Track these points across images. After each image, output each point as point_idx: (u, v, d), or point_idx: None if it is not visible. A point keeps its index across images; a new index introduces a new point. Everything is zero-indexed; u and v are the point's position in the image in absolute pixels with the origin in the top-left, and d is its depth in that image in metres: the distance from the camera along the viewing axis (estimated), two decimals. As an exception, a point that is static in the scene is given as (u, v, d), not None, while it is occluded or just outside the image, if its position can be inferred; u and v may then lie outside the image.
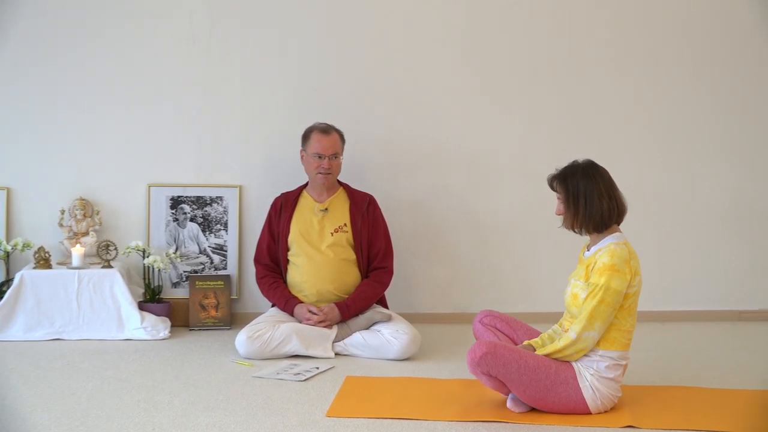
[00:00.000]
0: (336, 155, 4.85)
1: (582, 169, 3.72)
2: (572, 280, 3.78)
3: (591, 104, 5.56)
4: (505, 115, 5.54)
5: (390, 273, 4.96)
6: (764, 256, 5.67)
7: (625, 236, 3.74)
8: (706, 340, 5.13)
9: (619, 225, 3.76)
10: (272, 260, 4.93)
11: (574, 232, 3.78)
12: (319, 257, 4.81)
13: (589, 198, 3.66)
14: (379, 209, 5.02)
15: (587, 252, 3.78)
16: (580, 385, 3.64)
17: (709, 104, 5.61)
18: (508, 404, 3.73)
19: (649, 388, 4.04)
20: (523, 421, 3.62)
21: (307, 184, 5.01)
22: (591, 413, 3.68)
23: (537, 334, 3.96)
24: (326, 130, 4.85)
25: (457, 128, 5.52)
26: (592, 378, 3.65)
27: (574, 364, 3.68)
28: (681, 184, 5.62)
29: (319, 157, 4.81)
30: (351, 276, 4.86)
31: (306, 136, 4.88)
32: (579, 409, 3.67)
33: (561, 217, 3.79)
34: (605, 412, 3.70)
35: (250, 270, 5.18)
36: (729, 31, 5.56)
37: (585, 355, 3.68)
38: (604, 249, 3.67)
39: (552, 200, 5.36)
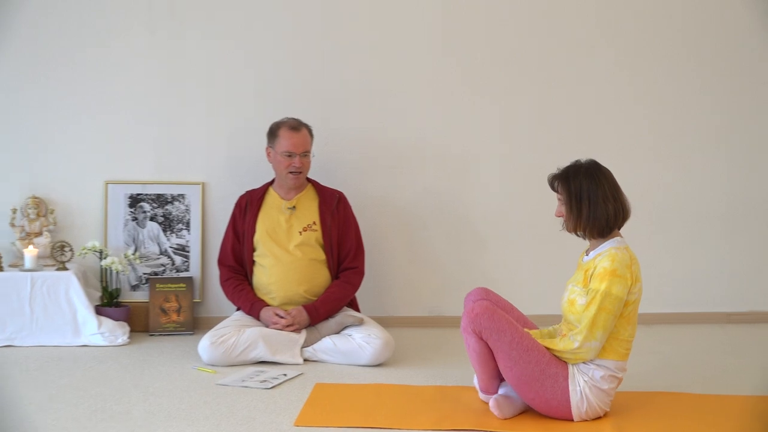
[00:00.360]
0: (306, 153, 4.84)
1: (585, 169, 3.70)
2: (569, 285, 3.77)
3: (574, 100, 5.59)
4: (483, 111, 5.55)
5: (361, 274, 4.95)
6: (753, 257, 5.72)
7: (626, 241, 3.72)
8: (694, 344, 5.15)
9: (620, 229, 3.74)
10: (237, 261, 4.91)
11: (577, 235, 3.77)
12: (286, 258, 4.80)
13: (593, 200, 3.65)
14: (350, 207, 5.02)
15: (586, 257, 3.77)
16: (570, 388, 3.63)
17: (697, 102, 5.65)
18: (491, 405, 3.72)
19: (634, 395, 4.04)
20: (501, 429, 3.61)
21: (273, 181, 4.99)
22: (572, 420, 3.67)
23: (534, 326, 3.95)
24: (296, 126, 4.83)
25: (433, 124, 5.53)
26: (584, 384, 3.64)
27: (570, 364, 3.67)
28: (668, 183, 5.66)
29: (289, 155, 4.80)
30: (320, 277, 4.85)
31: (273, 133, 4.86)
32: (560, 412, 3.66)
33: (562, 219, 3.77)
34: (587, 420, 3.69)
35: (214, 272, 5.17)
36: (725, 26, 5.61)
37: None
38: (605, 253, 3.66)
39: (534, 199, 5.48)
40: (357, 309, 5.01)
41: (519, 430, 3.61)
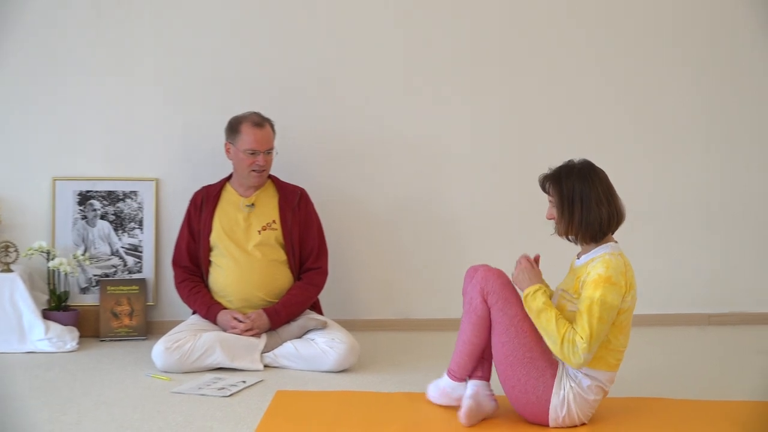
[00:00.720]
0: (270, 150, 4.82)
1: (578, 170, 3.68)
2: (560, 290, 3.75)
3: (548, 93, 5.60)
4: (455, 103, 5.56)
5: (324, 274, 4.93)
6: (734, 256, 5.77)
7: (620, 247, 3.71)
8: (674, 347, 5.18)
9: (613, 234, 3.73)
10: (192, 262, 4.88)
11: (568, 240, 3.76)
12: (245, 258, 4.77)
13: (586, 203, 3.63)
14: (312, 204, 5.00)
15: (578, 261, 3.76)
16: (553, 388, 3.61)
17: (675, 97, 5.68)
18: (462, 412, 3.70)
19: (611, 401, 4.02)
20: (475, 439, 3.62)
21: (230, 177, 4.96)
22: (548, 425, 3.66)
23: None
24: (260, 123, 4.79)
25: (401, 116, 5.53)
26: (569, 390, 3.63)
27: (561, 365, 3.65)
28: (645, 180, 5.68)
29: (253, 153, 4.76)
30: (281, 278, 4.83)
31: (234, 129, 4.81)
32: (535, 409, 3.64)
33: (553, 222, 3.76)
34: (563, 428, 3.69)
35: (168, 273, 5.13)
36: (706, 20, 5.66)
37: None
38: (599, 259, 3.63)
39: (509, 195, 5.50)
40: (320, 312, 4.99)
41: (493, 438, 3.61)
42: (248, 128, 4.77)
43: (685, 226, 5.72)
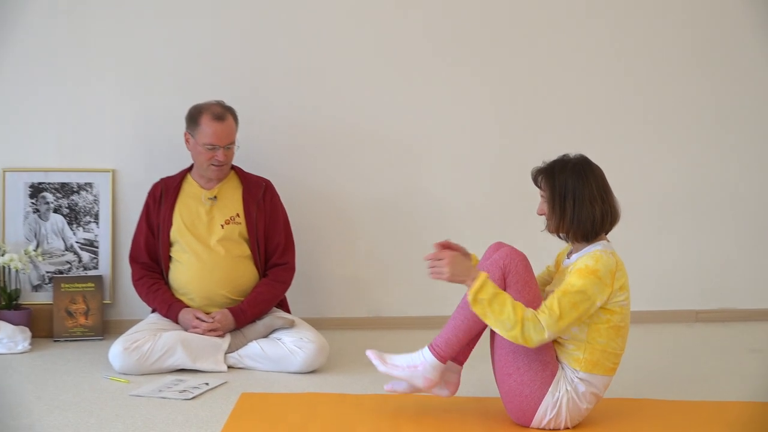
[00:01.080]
0: (231, 144, 4.79)
1: (573, 165, 3.68)
2: (549, 291, 3.72)
3: (528, 81, 5.61)
4: (428, 92, 5.56)
5: (292, 270, 4.93)
6: (724, 249, 5.80)
7: (613, 247, 3.71)
8: (661, 345, 5.22)
9: (607, 234, 3.73)
10: (151, 258, 4.86)
11: (559, 237, 3.77)
12: (207, 254, 4.75)
13: (578, 200, 3.63)
14: (278, 196, 4.98)
15: (567, 260, 3.76)
16: (549, 388, 3.60)
17: (663, 78, 5.69)
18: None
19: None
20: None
21: (191, 168, 4.93)
22: (529, 426, 3.66)
23: None
24: (221, 115, 4.75)
25: (370, 108, 5.52)
26: (564, 393, 3.62)
27: (563, 365, 3.64)
28: (629, 168, 5.68)
29: (212, 148, 4.71)
30: (246, 275, 4.81)
31: (194, 120, 4.78)
32: (523, 407, 3.62)
33: (544, 218, 3.75)
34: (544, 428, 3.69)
35: (127, 270, 5.09)
36: (698, 6, 5.68)
37: (571, 367, 3.63)
38: (589, 254, 3.63)
39: (486, 189, 5.49)
40: (287, 310, 4.98)
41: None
42: (208, 121, 4.72)
43: (672, 218, 5.74)
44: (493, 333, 3.69)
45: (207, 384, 4.30)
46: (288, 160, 5.43)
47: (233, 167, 4.94)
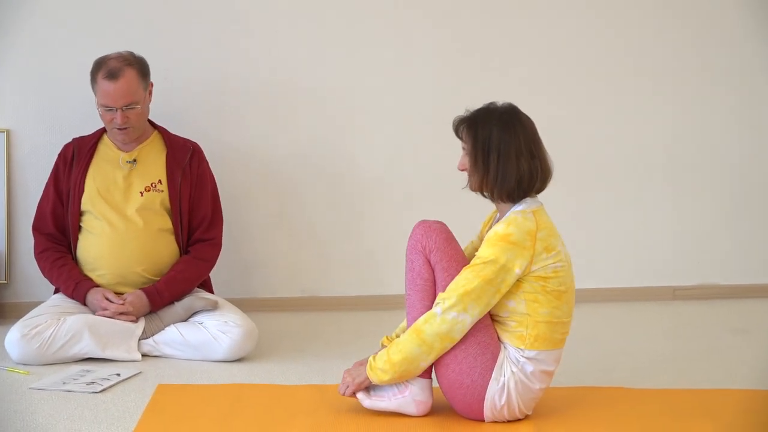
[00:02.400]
0: (133, 104, 4.72)
1: (499, 114, 3.68)
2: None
3: (480, 33, 5.63)
4: (370, 45, 5.58)
5: (218, 247, 4.94)
6: (702, 221, 5.85)
7: (541, 203, 3.73)
8: (633, 327, 5.27)
9: (539, 192, 3.74)
10: (58, 229, 4.83)
11: (483, 196, 3.77)
12: (123, 225, 4.74)
13: (503, 154, 3.63)
14: (206, 162, 4.97)
15: (490, 230, 3.75)
16: (492, 374, 3.62)
17: (637, 41, 5.73)
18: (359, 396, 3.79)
19: (559, 391, 4.08)
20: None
21: (107, 127, 4.92)
22: (482, 420, 3.69)
23: None
24: (114, 72, 4.68)
25: (306, 63, 5.54)
26: (510, 376, 3.63)
27: (505, 345, 3.66)
28: (596, 130, 5.74)
29: (109, 109, 4.69)
30: (166, 251, 4.81)
31: (93, 76, 4.74)
32: (470, 401, 3.64)
33: (465, 175, 3.76)
34: (501, 422, 3.72)
35: (24, 245, 5.12)
36: None
37: (514, 347, 3.66)
38: (504, 219, 3.66)
39: (431, 155, 5.52)
40: (210, 290, 4.99)
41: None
42: (101, 79, 4.68)
43: (644, 183, 5.78)
44: None
45: (118, 375, 4.30)
46: (212, 121, 5.44)
47: (158, 128, 4.92)
